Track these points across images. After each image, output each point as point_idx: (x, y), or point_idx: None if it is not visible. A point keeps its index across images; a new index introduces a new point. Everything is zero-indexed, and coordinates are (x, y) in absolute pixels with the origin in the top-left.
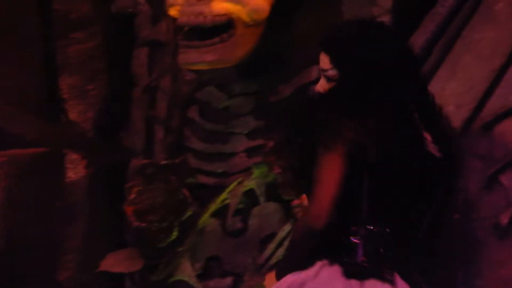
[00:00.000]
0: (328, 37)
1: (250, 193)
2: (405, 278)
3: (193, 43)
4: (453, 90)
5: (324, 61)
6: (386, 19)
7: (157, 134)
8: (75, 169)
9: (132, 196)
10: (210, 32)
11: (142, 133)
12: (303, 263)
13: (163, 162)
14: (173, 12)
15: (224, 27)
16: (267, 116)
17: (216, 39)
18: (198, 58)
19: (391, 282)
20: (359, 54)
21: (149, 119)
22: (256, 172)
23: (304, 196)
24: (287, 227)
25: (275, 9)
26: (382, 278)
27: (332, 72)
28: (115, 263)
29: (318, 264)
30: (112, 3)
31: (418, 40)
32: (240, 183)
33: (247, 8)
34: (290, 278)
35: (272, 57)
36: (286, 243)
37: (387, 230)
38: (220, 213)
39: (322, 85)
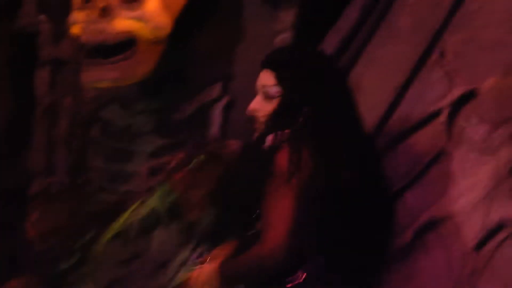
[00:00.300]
0: (276, 56)
1: (152, 213)
2: None
3: (96, 61)
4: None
5: (268, 78)
6: (288, 35)
7: (60, 153)
8: None
9: (35, 217)
10: (113, 49)
11: (45, 153)
12: None
13: (66, 182)
14: (75, 30)
15: (126, 44)
16: (170, 134)
17: (119, 57)
18: (101, 76)
19: None
20: (305, 72)
21: (51, 139)
22: (158, 191)
23: None
24: (190, 247)
25: (178, 26)
26: None
27: (274, 89)
28: None
29: None
30: (13, 23)
31: None
32: (142, 202)
33: (150, 26)
34: None
35: (175, 75)
36: (189, 262)
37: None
38: (123, 233)
39: (258, 102)
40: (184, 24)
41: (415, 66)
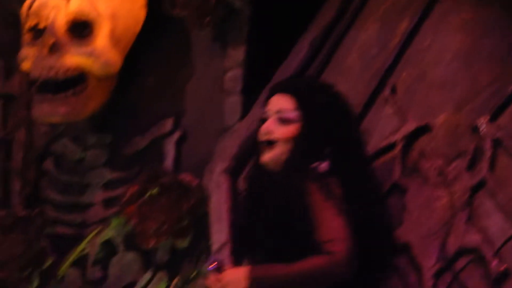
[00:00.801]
0: (295, 82)
1: (108, 243)
2: None
3: (46, 96)
4: None
5: (285, 102)
6: (238, 72)
7: (14, 185)
8: None
9: None
10: (63, 85)
11: None
12: None
13: (21, 213)
14: (25, 66)
15: (76, 80)
16: (123, 167)
17: (69, 92)
18: (52, 111)
19: None
20: (325, 98)
21: (5, 171)
22: (113, 222)
23: None
24: (147, 276)
25: (128, 62)
26: None
27: (293, 114)
28: None
29: None
30: None
31: None
32: (98, 233)
33: (99, 62)
34: None
35: (126, 109)
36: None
37: None
38: (80, 263)
39: (272, 125)
40: (134, 59)
41: (367, 102)
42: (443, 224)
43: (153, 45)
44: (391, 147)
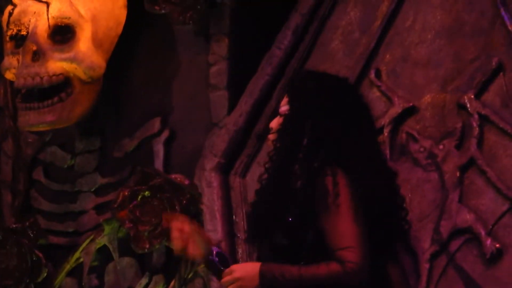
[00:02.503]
0: (290, 79)
1: (103, 250)
2: None
3: (31, 105)
4: None
5: (284, 99)
6: (222, 65)
7: (4, 198)
8: None
9: None
10: (48, 92)
11: None
12: None
13: (13, 225)
14: (9, 75)
15: (61, 86)
16: (113, 171)
17: (55, 99)
18: (38, 120)
19: None
20: (312, 90)
21: None
22: (107, 228)
23: None
24: (144, 280)
25: (112, 64)
26: None
27: (284, 108)
28: None
29: None
30: None
31: (257, 84)
32: (92, 240)
33: (83, 66)
34: None
35: (113, 112)
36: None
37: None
38: (76, 272)
39: (275, 122)
40: (118, 61)
41: None
42: (435, 206)
43: (136, 44)
44: (379, 131)
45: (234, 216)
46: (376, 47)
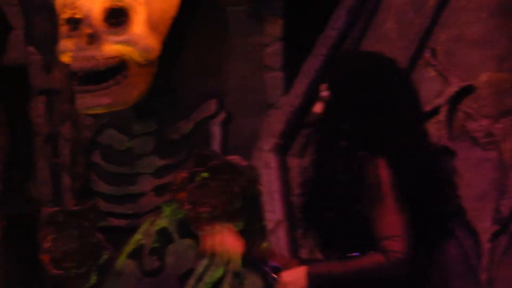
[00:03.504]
0: (330, 63)
1: (163, 232)
2: None
3: (88, 87)
4: None
5: (325, 84)
6: (277, 46)
7: (64, 181)
8: None
9: (47, 244)
10: (104, 75)
11: (49, 182)
12: None
13: (73, 208)
14: (65, 58)
15: (117, 69)
16: (171, 153)
17: (111, 82)
18: (95, 102)
19: None
20: (354, 74)
21: (54, 167)
22: (166, 210)
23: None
24: (204, 262)
25: (167, 46)
26: None
27: (325, 93)
28: None
29: None
30: (3, 56)
31: (312, 64)
32: (152, 222)
33: (138, 48)
34: None
35: (169, 94)
36: (205, 278)
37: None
38: (136, 254)
39: (318, 107)
40: (173, 43)
41: (407, 68)
42: (495, 185)
43: (190, 26)
44: (435, 111)
45: (293, 197)
46: (430, 27)
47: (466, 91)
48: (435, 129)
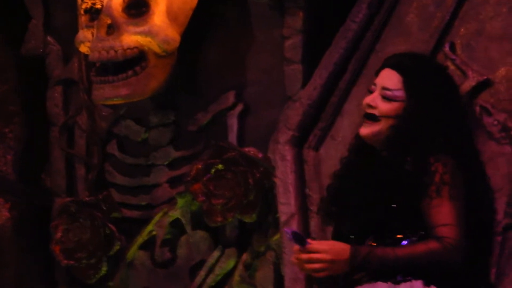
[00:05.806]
0: (406, 60)
1: (176, 223)
2: None
3: (106, 78)
4: None
5: (392, 79)
6: (297, 39)
7: (78, 171)
8: None
9: (59, 235)
10: (123, 66)
11: (63, 172)
12: None
13: (87, 199)
14: (83, 49)
15: (136, 60)
16: (187, 145)
17: (129, 73)
18: (113, 93)
19: None
20: (434, 84)
21: (69, 157)
22: (180, 201)
23: None
24: (216, 254)
25: (186, 38)
26: None
27: (397, 93)
28: None
29: None
30: (22, 46)
31: (332, 57)
32: (165, 213)
33: (157, 40)
34: None
35: (188, 86)
36: (216, 269)
37: None
38: (148, 245)
39: (375, 99)
40: (193, 35)
41: None
42: (508, 179)
43: (210, 18)
44: None
45: (307, 190)
46: (450, 20)
47: (483, 85)
48: None
